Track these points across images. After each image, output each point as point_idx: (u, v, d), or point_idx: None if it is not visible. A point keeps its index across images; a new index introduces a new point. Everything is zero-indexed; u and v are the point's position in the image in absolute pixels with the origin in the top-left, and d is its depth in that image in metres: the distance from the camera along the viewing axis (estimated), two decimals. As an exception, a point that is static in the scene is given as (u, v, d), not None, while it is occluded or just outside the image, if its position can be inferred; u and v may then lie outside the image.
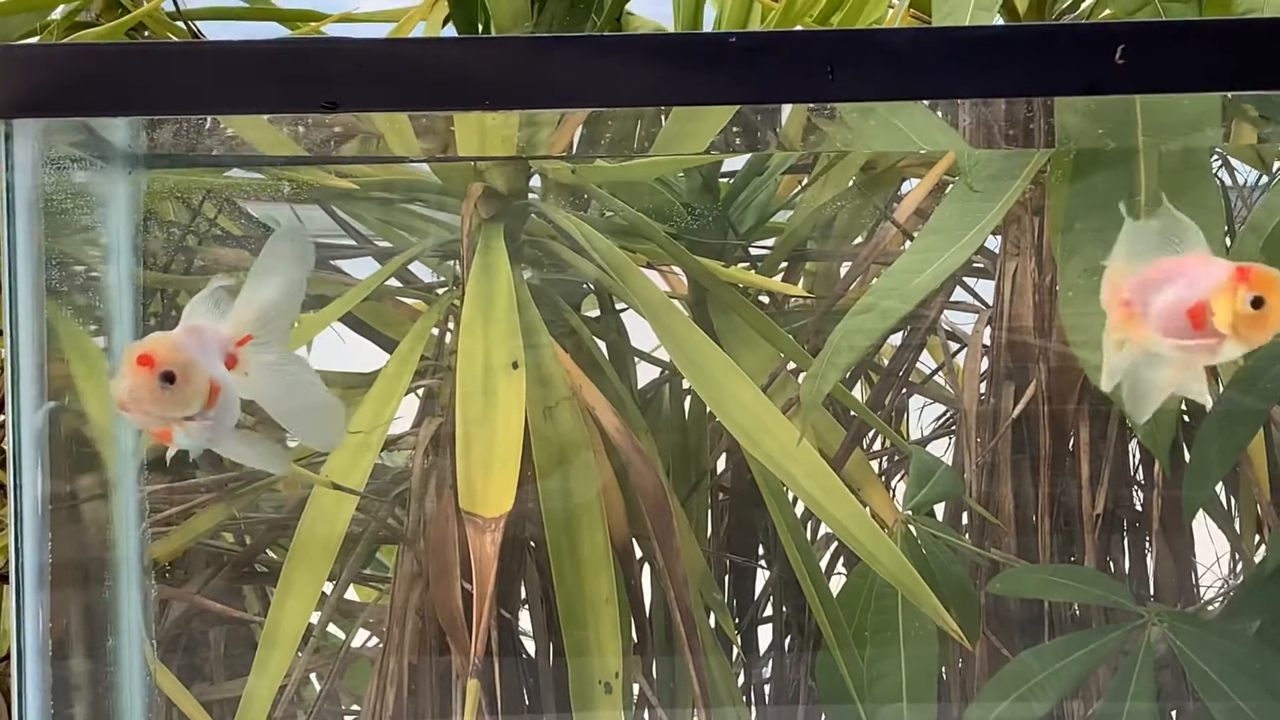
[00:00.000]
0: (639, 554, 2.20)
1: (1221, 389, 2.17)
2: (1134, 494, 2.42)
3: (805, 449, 1.98)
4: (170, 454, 1.33)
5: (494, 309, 1.99)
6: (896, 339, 2.51)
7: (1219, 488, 2.44)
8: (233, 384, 1.30)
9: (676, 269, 2.42)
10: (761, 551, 2.54)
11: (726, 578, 2.54)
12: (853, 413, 2.37)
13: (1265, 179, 2.34)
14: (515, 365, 1.94)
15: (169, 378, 1.24)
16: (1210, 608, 2.30)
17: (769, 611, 2.57)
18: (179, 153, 1.66)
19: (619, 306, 2.37)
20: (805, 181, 2.56)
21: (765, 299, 2.57)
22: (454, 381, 1.97)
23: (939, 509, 2.40)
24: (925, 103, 1.80)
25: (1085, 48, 1.24)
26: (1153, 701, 1.93)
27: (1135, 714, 1.92)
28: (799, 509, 2.34)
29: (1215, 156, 2.30)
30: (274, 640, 1.93)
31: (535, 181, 2.24)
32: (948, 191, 2.00)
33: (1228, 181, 2.40)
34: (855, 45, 1.23)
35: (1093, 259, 1.76)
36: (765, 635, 2.56)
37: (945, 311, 2.56)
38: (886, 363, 2.54)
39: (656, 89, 1.25)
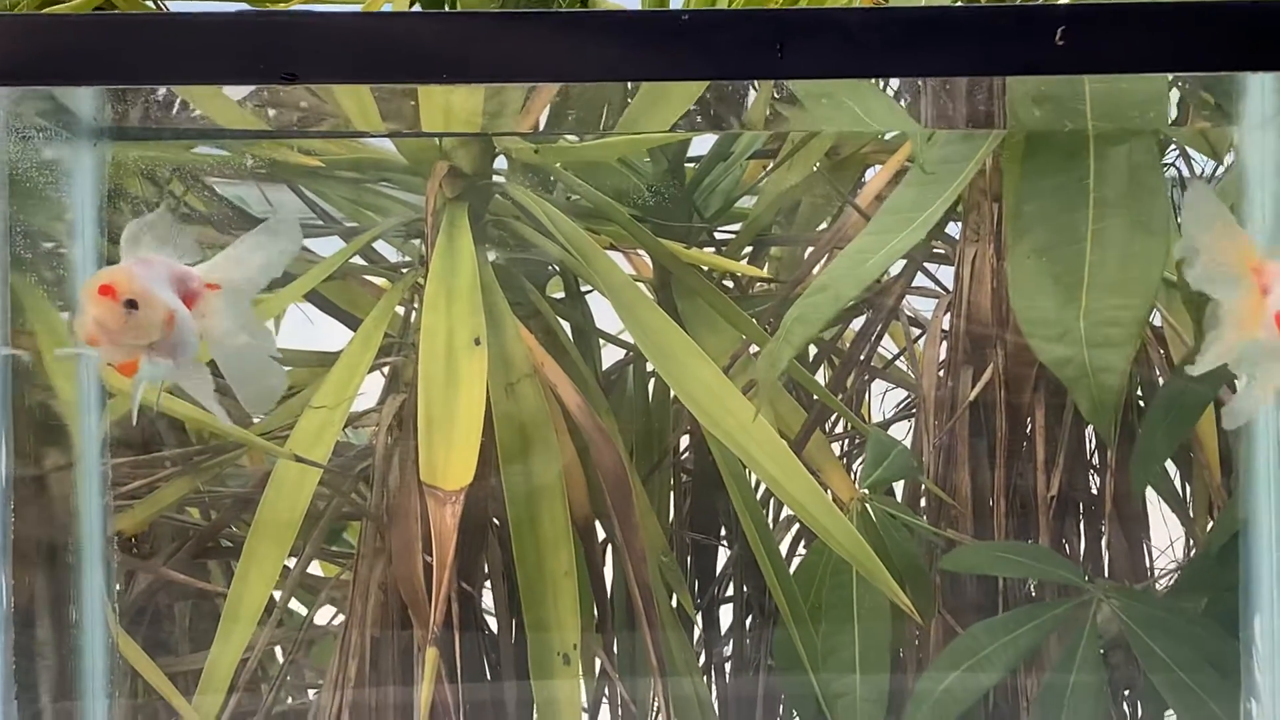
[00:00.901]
0: (602, 535, 2.23)
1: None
2: (1089, 477, 2.46)
3: (763, 428, 2.02)
4: (137, 396, 1.35)
5: (457, 286, 2.01)
6: (858, 323, 2.55)
7: (1174, 473, 2.49)
8: (187, 313, 1.32)
9: (641, 253, 2.46)
10: (723, 532, 2.59)
11: (688, 557, 2.58)
12: (815, 396, 2.41)
13: (1219, 168, 2.38)
14: (477, 342, 1.97)
15: (132, 304, 1.26)
16: (1160, 585, 2.34)
17: (730, 589, 2.62)
18: (145, 126, 1.69)
19: (584, 289, 2.41)
20: (770, 166, 2.59)
21: (730, 284, 2.61)
22: (417, 358, 1.99)
23: (899, 492, 2.45)
24: (879, 86, 1.84)
25: (1026, 28, 1.27)
26: (1098, 673, 1.98)
27: (1080, 685, 1.96)
28: (760, 491, 2.38)
29: (1173, 147, 2.34)
30: (236, 613, 1.95)
31: (502, 164, 2.28)
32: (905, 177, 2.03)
33: (1185, 172, 2.45)
34: (804, 24, 1.26)
35: (1041, 240, 1.80)
36: (726, 613, 2.60)
37: (906, 297, 2.60)
38: (848, 347, 2.58)
39: (613, 65, 1.28)
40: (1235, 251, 1.29)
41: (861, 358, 2.58)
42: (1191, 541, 2.57)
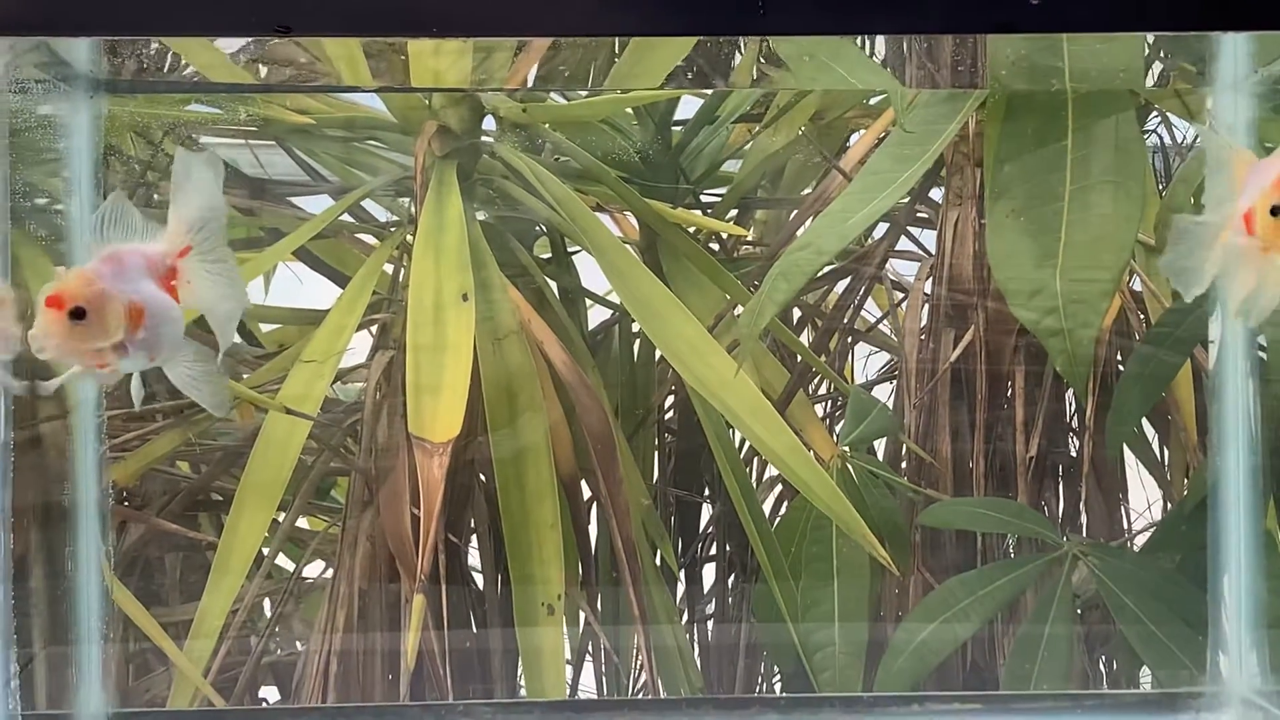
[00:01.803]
0: (587, 493, 2.27)
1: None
2: (1068, 439, 2.50)
3: (745, 384, 2.05)
4: (134, 381, 1.37)
5: (445, 242, 2.04)
6: (842, 286, 2.58)
7: (1152, 436, 2.53)
8: (164, 301, 1.32)
9: (628, 214, 2.49)
10: (706, 491, 2.62)
11: (672, 515, 2.61)
12: (799, 358, 2.44)
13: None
14: (465, 297, 2.01)
15: (78, 314, 1.27)
16: (1135, 543, 2.38)
17: (713, 547, 2.65)
18: (140, 79, 1.71)
19: (571, 250, 2.44)
20: (756, 130, 2.61)
21: (715, 247, 2.64)
22: (406, 314, 2.02)
23: (880, 453, 2.48)
24: (862, 47, 1.88)
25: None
26: (1070, 625, 2.02)
27: (1054, 636, 2.00)
28: (743, 450, 2.41)
29: (1155, 114, 2.38)
30: (226, 565, 1.99)
31: (491, 124, 2.30)
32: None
33: (1167, 140, 2.48)
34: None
35: (1019, 200, 1.83)
36: (710, 571, 2.64)
37: (890, 261, 2.63)
38: (831, 310, 2.61)
39: (596, 19, 1.30)
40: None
41: (845, 321, 2.61)
42: (1168, 503, 2.61)
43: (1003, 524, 2.18)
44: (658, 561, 2.37)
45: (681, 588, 2.60)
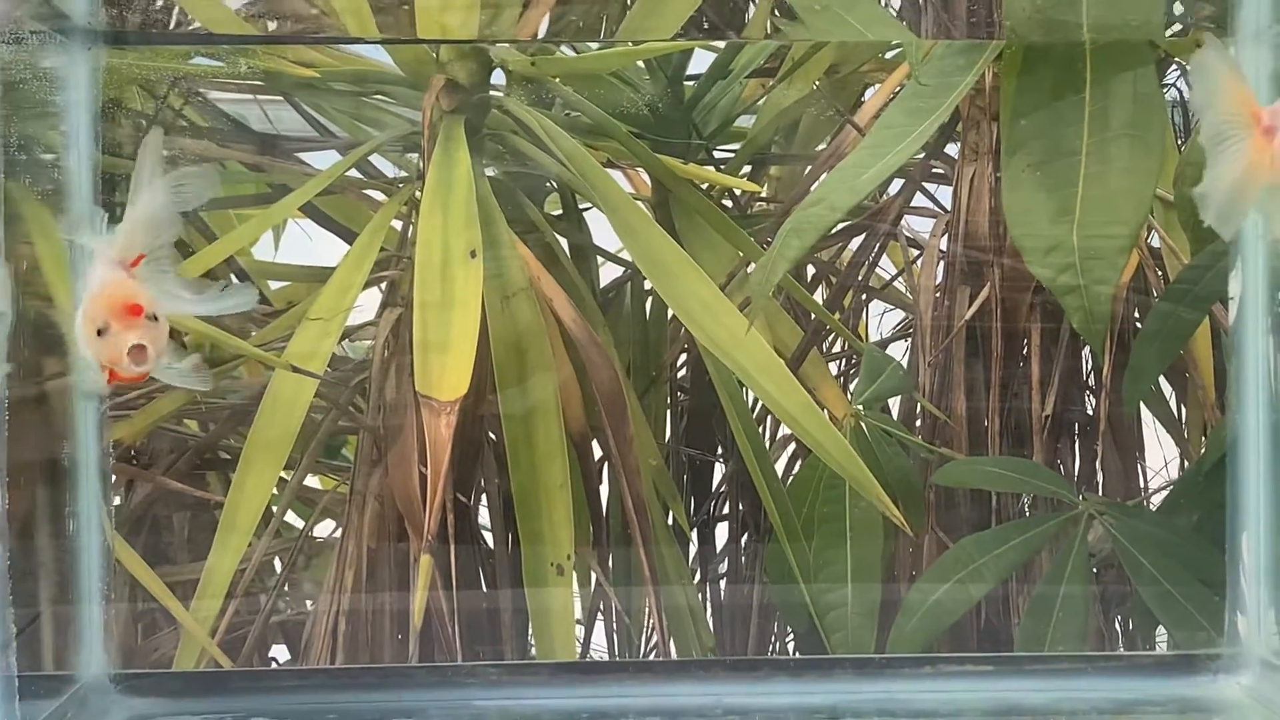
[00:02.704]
0: (599, 453, 2.24)
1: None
2: (1084, 398, 2.47)
3: (757, 342, 2.02)
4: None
5: (453, 199, 2.01)
6: (856, 243, 2.56)
7: (1170, 395, 2.50)
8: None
9: (640, 170, 2.46)
10: (719, 450, 2.60)
11: (684, 475, 2.59)
12: (813, 316, 2.42)
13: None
14: (473, 254, 1.98)
15: (155, 316, 1.27)
16: (1151, 502, 2.35)
17: (725, 507, 2.64)
18: (139, 31, 1.68)
19: (582, 206, 2.41)
20: (770, 85, 2.58)
21: (728, 203, 2.61)
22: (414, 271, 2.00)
23: (895, 411, 2.46)
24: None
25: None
26: (1086, 585, 1.99)
27: (1070, 596, 1.98)
28: (756, 409, 2.39)
29: (1175, 68, 2.33)
30: (233, 523, 1.97)
31: (500, 79, 2.27)
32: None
33: (1187, 94, 2.44)
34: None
35: (1037, 154, 1.80)
36: (722, 531, 2.62)
37: (905, 218, 2.60)
38: (845, 267, 2.58)
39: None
40: (1239, 102, 1.34)
41: (860, 278, 2.58)
42: (1185, 462, 2.59)
43: (1018, 483, 2.15)
44: (670, 522, 2.36)
45: (695, 547, 2.59)
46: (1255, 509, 1.83)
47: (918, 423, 2.44)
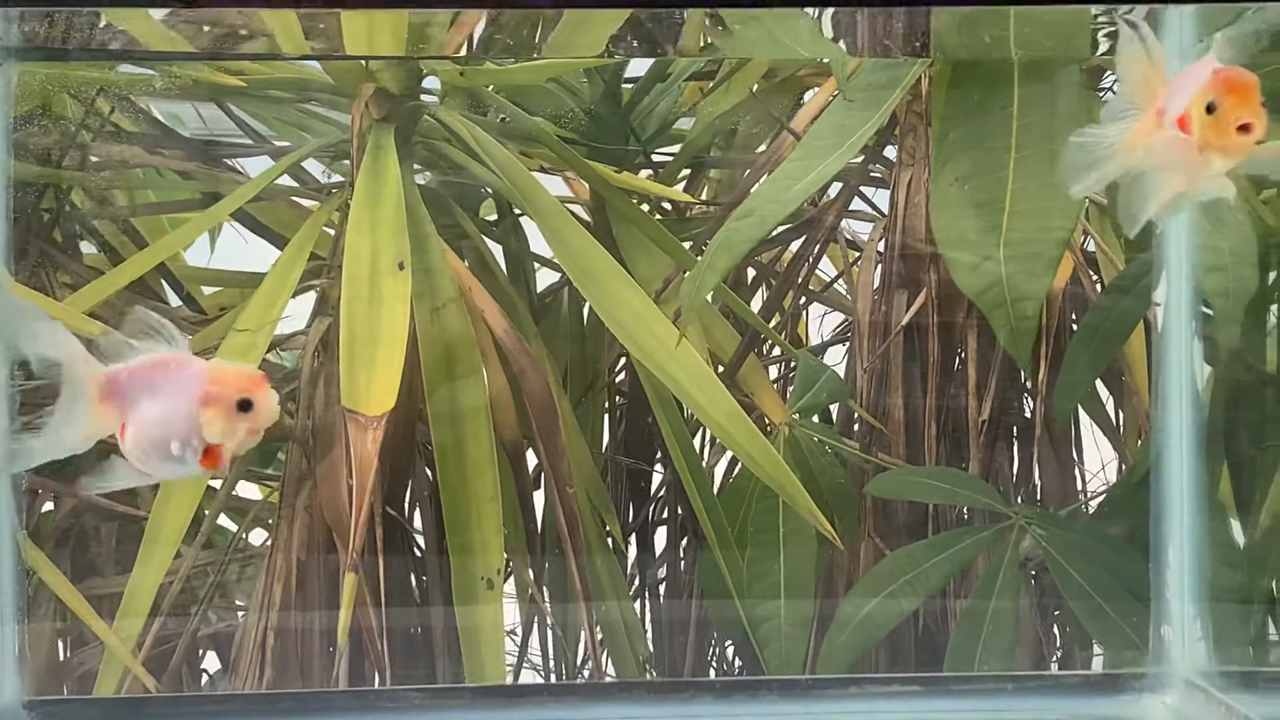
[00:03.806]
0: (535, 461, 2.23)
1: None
2: (1022, 400, 2.47)
3: (688, 353, 2.01)
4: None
5: (381, 209, 1.99)
6: (798, 245, 2.55)
7: (1106, 397, 2.50)
8: None
9: (581, 174, 2.44)
10: (658, 454, 2.59)
11: (623, 480, 2.58)
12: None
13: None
14: (401, 266, 1.96)
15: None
16: (1086, 510, 2.35)
17: (665, 511, 2.62)
18: (54, 46, 1.65)
19: (519, 211, 2.39)
20: (708, 89, 2.57)
21: (669, 205, 2.60)
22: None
23: (834, 414, 2.45)
24: (810, 11, 1.82)
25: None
26: (1016, 599, 1.99)
27: (1000, 611, 1.98)
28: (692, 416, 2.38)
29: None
30: (157, 536, 1.94)
31: (435, 83, 2.25)
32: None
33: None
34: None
35: (965, 168, 1.79)
36: (662, 536, 2.61)
37: (847, 220, 2.60)
38: (785, 269, 2.57)
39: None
40: (1145, 84, 1.35)
41: (799, 280, 2.58)
42: (1123, 466, 2.59)
43: (950, 495, 2.15)
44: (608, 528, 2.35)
45: (634, 553, 2.58)
46: (1179, 522, 1.84)
47: (856, 427, 2.43)
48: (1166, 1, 1.31)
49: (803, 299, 2.68)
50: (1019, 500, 2.45)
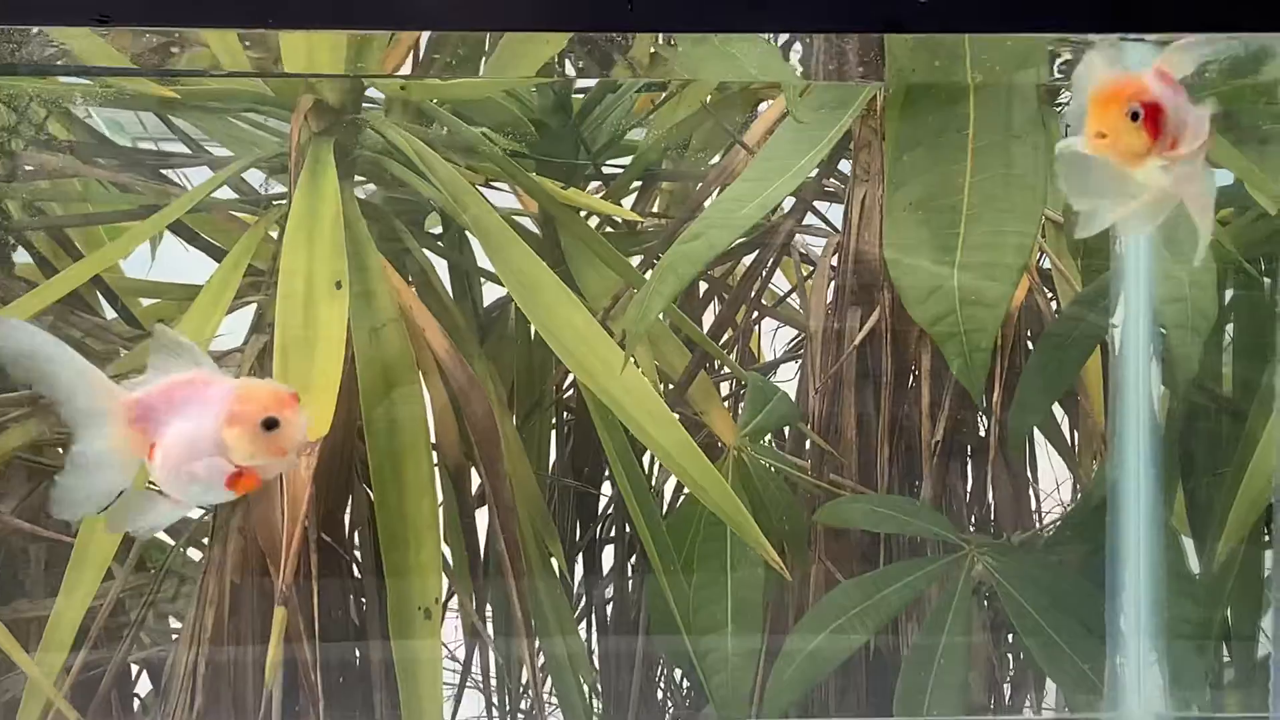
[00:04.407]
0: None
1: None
2: (976, 419, 2.43)
3: (634, 376, 1.95)
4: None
5: (318, 226, 1.93)
6: (749, 259, 2.50)
7: (1061, 416, 2.46)
8: None
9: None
10: (607, 471, 2.53)
11: (570, 498, 2.53)
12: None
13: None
14: (339, 285, 1.89)
15: None
16: (1045, 528, 2.31)
17: (613, 529, 2.57)
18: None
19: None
20: (659, 100, 2.52)
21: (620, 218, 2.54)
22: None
23: (786, 431, 2.40)
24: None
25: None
26: (968, 635, 1.94)
27: (951, 648, 1.93)
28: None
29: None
30: (83, 561, 1.87)
31: (379, 94, 2.19)
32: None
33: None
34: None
35: (918, 192, 1.75)
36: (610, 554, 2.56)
37: (802, 236, 2.55)
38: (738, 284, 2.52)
39: (447, 13, 1.20)
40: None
41: (752, 294, 2.53)
42: (1077, 486, 2.56)
43: (901, 524, 2.10)
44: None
45: (580, 573, 2.53)
46: (1135, 555, 1.80)
47: (807, 443, 2.39)
48: (1118, 32, 1.27)
49: (755, 314, 2.63)
50: (972, 522, 2.42)
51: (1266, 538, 2.00)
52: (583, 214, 2.35)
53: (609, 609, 2.52)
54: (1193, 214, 1.28)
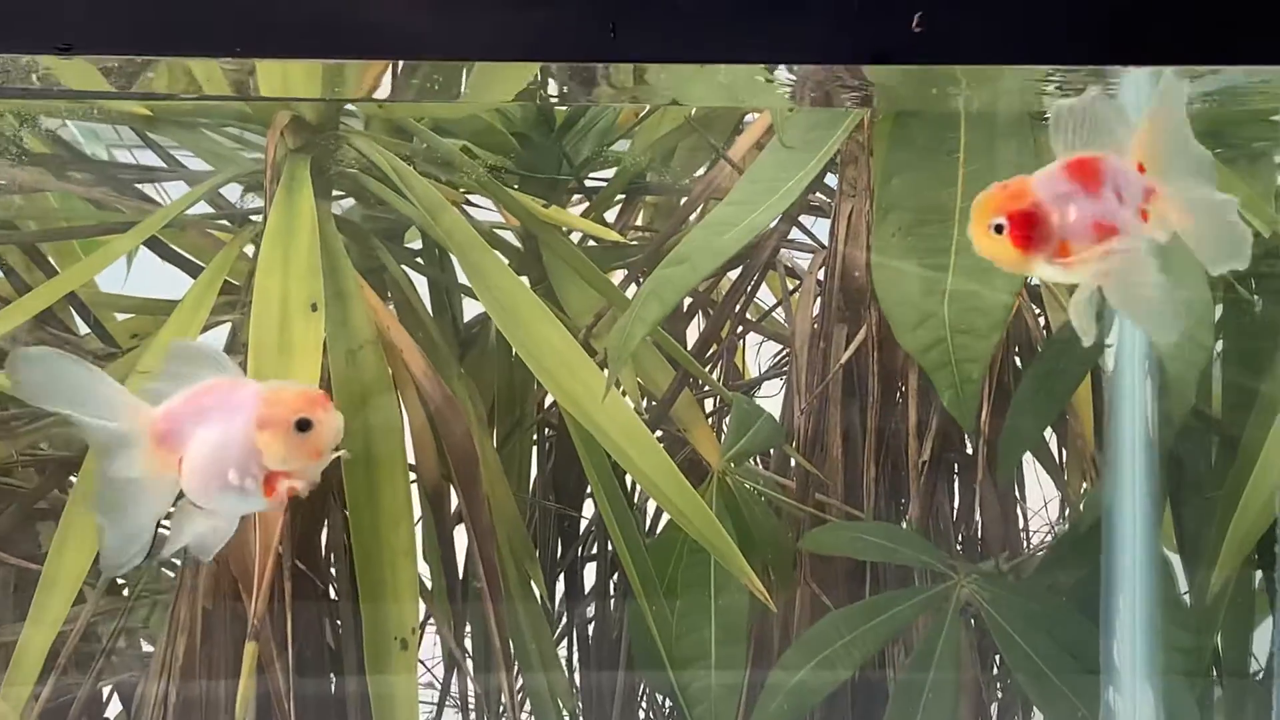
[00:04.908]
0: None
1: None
2: (963, 437, 2.39)
3: (616, 402, 1.91)
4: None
5: (294, 245, 1.88)
6: (734, 275, 2.46)
7: (1050, 435, 2.43)
8: None
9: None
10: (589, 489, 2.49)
11: (550, 516, 2.49)
12: (687, 349, 2.32)
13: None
14: (314, 307, 1.85)
15: None
16: (1034, 549, 2.27)
17: (595, 547, 2.53)
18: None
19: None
20: (643, 113, 2.48)
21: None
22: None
23: (771, 451, 2.36)
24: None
25: (878, 12, 1.17)
26: (956, 671, 1.90)
27: (939, 684, 1.88)
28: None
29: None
30: (51, 590, 1.82)
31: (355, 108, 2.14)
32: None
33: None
34: (640, 3, 1.15)
35: (907, 218, 1.71)
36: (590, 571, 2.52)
37: (788, 250, 2.52)
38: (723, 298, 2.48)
39: (425, 43, 1.16)
40: None
41: (737, 309, 2.49)
42: (1065, 506, 2.52)
43: (889, 552, 2.05)
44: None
45: (560, 590, 2.49)
46: (1131, 588, 1.75)
47: (793, 462, 2.35)
48: (1118, 64, 1.23)
49: (739, 328, 2.60)
50: (959, 540, 2.38)
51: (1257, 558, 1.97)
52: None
53: (590, 632, 2.48)
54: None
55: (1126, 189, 1.18)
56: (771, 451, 2.40)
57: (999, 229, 1.15)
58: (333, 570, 2.11)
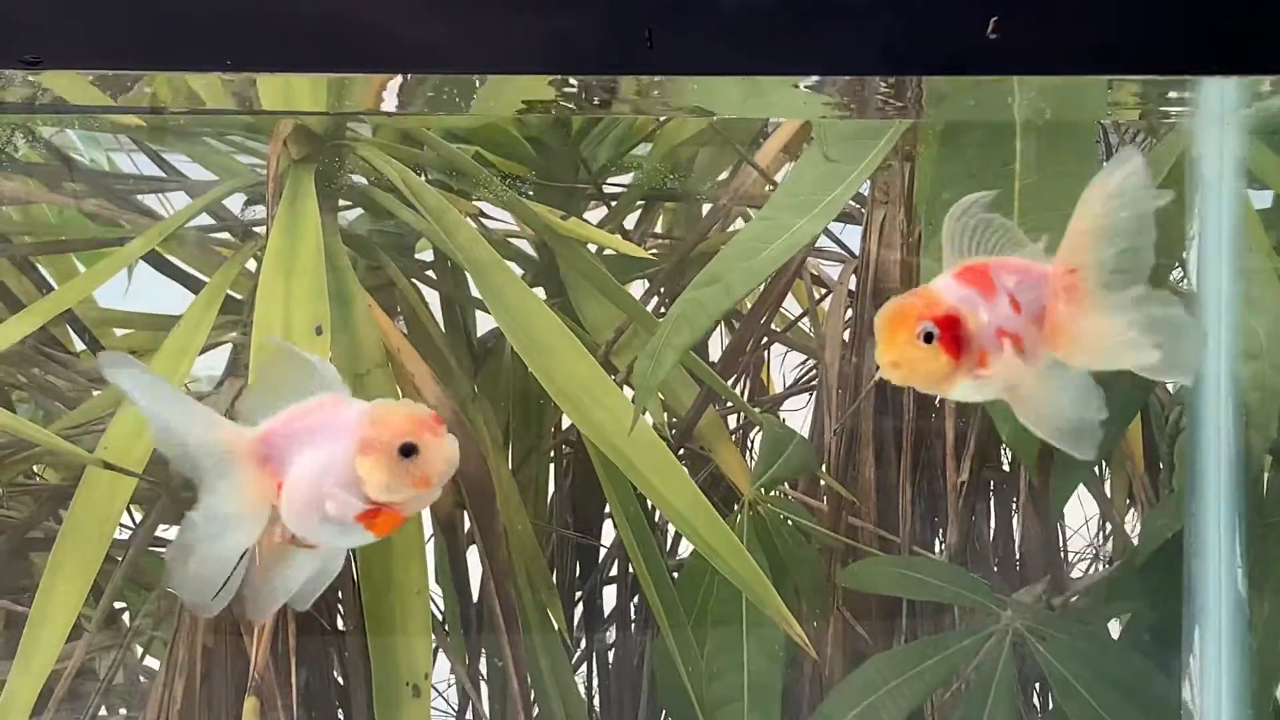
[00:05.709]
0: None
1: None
2: (1000, 451, 2.28)
3: (643, 430, 1.78)
4: None
5: (297, 264, 1.76)
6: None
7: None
8: None
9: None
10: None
11: (569, 544, 2.37)
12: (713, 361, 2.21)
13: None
14: (319, 330, 1.72)
15: None
16: (1077, 597, 2.14)
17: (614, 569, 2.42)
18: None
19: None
20: (662, 119, 2.36)
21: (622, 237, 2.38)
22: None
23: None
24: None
25: (950, 17, 1.04)
26: (1012, 709, 1.76)
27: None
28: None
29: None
30: (38, 638, 1.70)
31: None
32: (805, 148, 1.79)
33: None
34: (678, 8, 1.03)
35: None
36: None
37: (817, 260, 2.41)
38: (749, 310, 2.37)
39: (448, 55, 1.04)
40: None
41: (763, 322, 2.37)
42: (1106, 523, 2.41)
43: (933, 590, 1.92)
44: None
45: (579, 615, 2.37)
46: (1216, 619, 1.62)
47: (823, 483, 2.23)
48: (1203, 73, 1.11)
49: (764, 339, 2.48)
50: (996, 563, 2.26)
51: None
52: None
53: (610, 667, 2.36)
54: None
55: (1021, 294, 1.06)
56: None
57: (928, 337, 1.02)
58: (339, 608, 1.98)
